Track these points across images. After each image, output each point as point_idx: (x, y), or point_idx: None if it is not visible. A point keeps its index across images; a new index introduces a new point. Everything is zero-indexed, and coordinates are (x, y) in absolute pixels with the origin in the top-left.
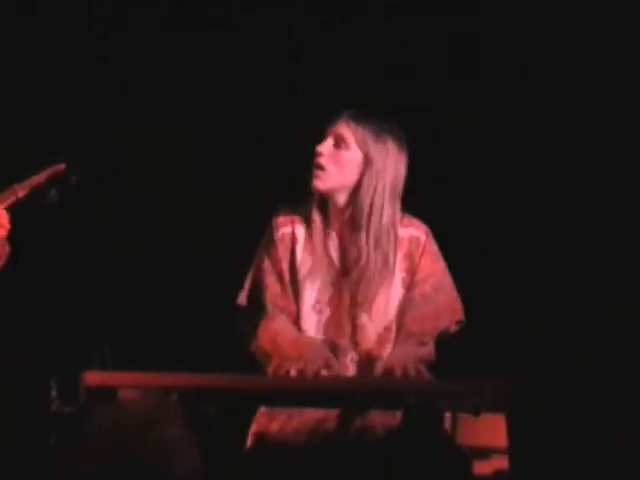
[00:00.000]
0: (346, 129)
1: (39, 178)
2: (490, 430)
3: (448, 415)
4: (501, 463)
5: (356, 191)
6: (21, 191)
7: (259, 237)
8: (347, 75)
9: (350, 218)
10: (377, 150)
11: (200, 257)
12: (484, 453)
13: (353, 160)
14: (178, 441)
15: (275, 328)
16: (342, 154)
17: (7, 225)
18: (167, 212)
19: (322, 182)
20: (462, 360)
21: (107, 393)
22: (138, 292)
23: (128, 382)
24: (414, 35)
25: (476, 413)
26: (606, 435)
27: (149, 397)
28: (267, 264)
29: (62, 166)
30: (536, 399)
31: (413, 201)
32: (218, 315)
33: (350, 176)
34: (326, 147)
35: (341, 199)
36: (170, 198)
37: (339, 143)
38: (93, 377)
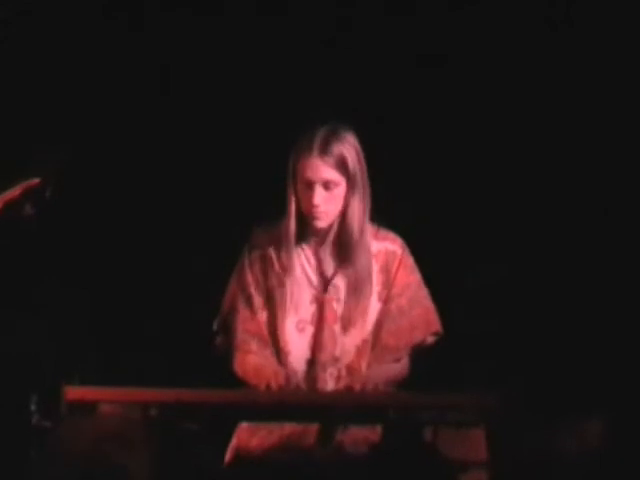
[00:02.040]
0: (328, 170)
1: (13, 193)
2: (470, 444)
3: (429, 428)
4: (480, 477)
5: (345, 213)
6: None
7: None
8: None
9: (338, 238)
10: (355, 166)
11: (187, 269)
12: (463, 467)
13: (342, 189)
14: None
15: (251, 362)
16: (335, 192)
17: None
18: (157, 219)
19: (324, 221)
20: (443, 373)
21: (88, 407)
22: (121, 305)
23: (109, 397)
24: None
25: (456, 427)
26: (587, 452)
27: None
28: (237, 288)
29: (36, 180)
30: (516, 413)
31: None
32: (201, 329)
33: (342, 203)
34: (319, 196)
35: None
36: (160, 210)
37: (329, 186)
38: (74, 391)
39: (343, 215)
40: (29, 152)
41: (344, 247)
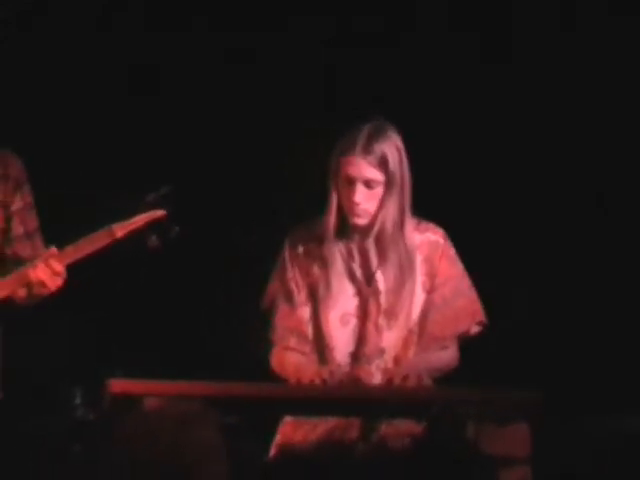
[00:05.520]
0: (370, 169)
1: (138, 221)
2: (513, 439)
3: (471, 423)
4: (524, 472)
5: (380, 210)
6: (120, 231)
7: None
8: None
9: (377, 234)
10: (395, 165)
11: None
12: (507, 462)
13: (383, 187)
14: (209, 445)
15: (290, 360)
16: (376, 190)
17: (64, 274)
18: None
19: (364, 219)
20: (488, 369)
21: (132, 401)
22: (159, 302)
23: (153, 390)
24: None
25: (500, 422)
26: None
27: (178, 403)
28: (278, 284)
29: (162, 212)
30: (559, 409)
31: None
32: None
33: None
34: (360, 194)
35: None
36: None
37: (370, 184)
38: (118, 385)
39: (378, 212)
40: (27, 150)
41: (381, 243)
